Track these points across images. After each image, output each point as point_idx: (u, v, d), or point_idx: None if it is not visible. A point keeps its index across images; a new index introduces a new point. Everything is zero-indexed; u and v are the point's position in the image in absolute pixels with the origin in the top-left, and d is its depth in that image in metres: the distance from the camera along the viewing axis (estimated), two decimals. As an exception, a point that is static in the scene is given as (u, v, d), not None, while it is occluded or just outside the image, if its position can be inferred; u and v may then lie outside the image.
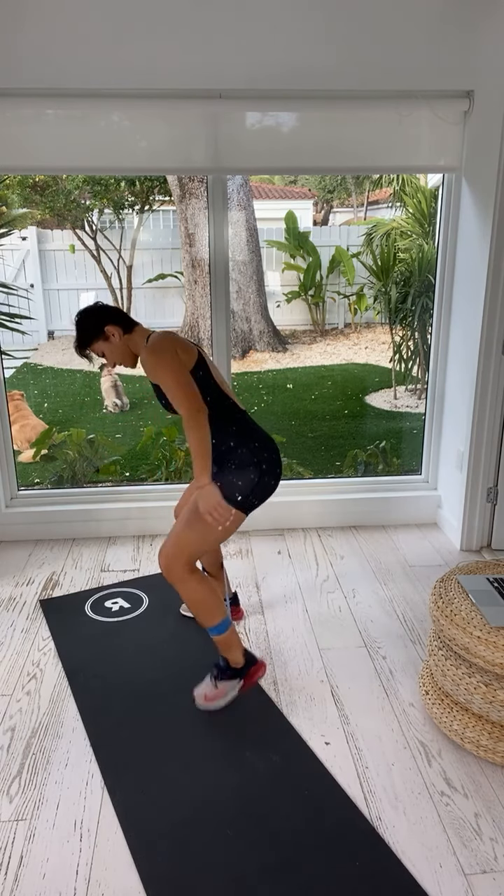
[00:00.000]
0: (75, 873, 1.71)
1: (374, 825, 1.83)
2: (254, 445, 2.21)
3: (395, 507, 3.67)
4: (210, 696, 2.27)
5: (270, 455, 2.22)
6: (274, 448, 2.25)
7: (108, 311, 2.25)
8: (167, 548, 2.17)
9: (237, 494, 2.15)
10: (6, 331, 3.89)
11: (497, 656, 1.90)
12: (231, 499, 2.14)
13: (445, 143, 3.14)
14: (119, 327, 2.23)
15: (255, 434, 2.25)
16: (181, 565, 2.14)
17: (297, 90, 2.95)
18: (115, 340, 2.23)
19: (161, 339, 2.14)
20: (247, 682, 2.30)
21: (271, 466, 2.21)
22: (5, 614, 2.89)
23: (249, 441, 2.22)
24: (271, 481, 2.21)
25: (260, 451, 2.21)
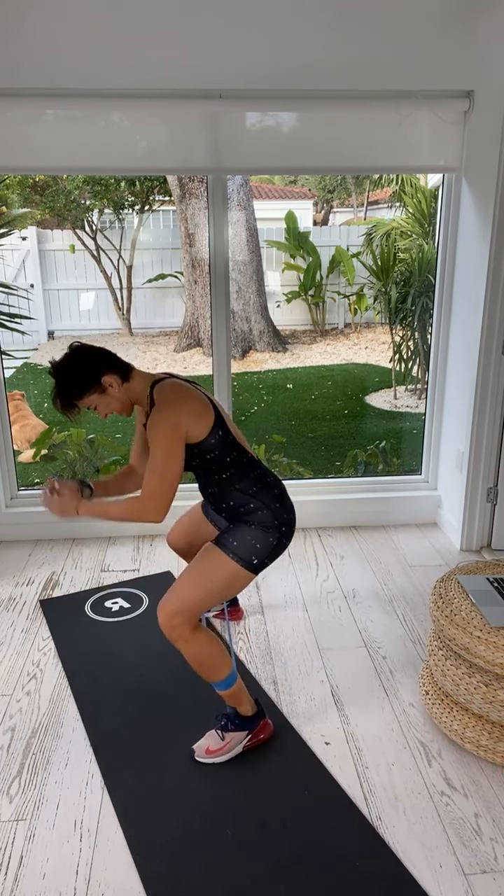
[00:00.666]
0: (75, 873, 1.71)
1: (374, 825, 1.83)
2: (276, 507, 2.02)
3: (395, 507, 3.67)
4: (213, 748, 2.05)
5: (289, 516, 2.05)
6: (292, 507, 2.08)
7: (101, 357, 1.92)
8: (168, 604, 1.93)
9: (253, 558, 1.97)
10: (6, 331, 3.89)
11: (497, 656, 1.90)
12: (246, 561, 1.96)
13: (445, 143, 3.14)
14: (117, 375, 1.91)
15: (274, 493, 2.04)
16: (183, 623, 1.92)
17: (297, 90, 2.95)
18: (114, 392, 1.92)
19: (175, 398, 1.88)
20: (253, 739, 2.08)
21: (290, 528, 2.04)
22: (5, 614, 2.89)
23: (272, 502, 2.02)
24: (287, 542, 2.06)
25: (281, 512, 2.02)
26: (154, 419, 1.85)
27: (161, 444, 1.83)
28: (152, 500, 1.83)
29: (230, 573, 1.96)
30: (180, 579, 1.98)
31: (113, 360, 1.94)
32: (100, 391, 1.90)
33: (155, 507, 1.84)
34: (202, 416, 1.91)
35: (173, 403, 1.87)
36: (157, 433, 1.84)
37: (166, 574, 3.20)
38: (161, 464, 1.83)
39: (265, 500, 2.00)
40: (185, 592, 1.93)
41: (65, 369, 1.89)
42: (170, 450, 1.84)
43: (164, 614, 1.93)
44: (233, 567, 1.95)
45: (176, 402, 1.88)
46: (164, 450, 1.83)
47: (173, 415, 1.86)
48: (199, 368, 6.83)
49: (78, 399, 1.89)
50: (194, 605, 1.93)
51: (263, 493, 2.01)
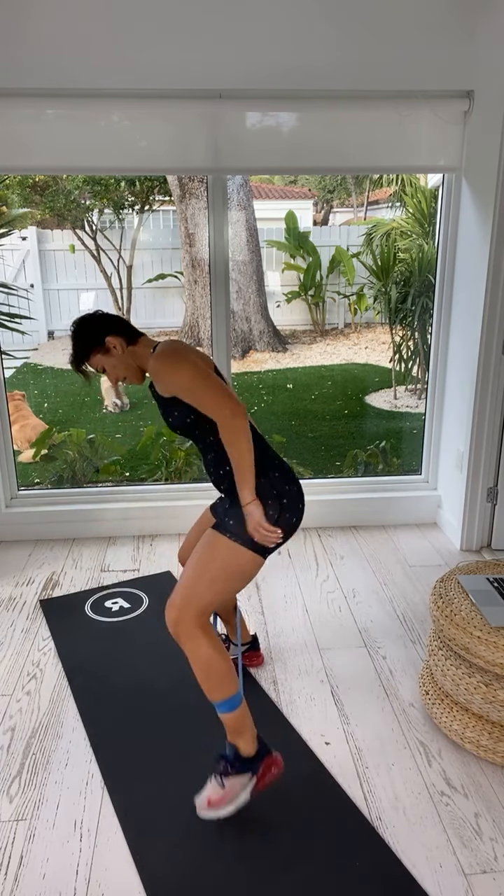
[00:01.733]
0: (75, 873, 1.71)
1: (374, 825, 1.83)
2: (274, 475, 1.89)
3: (395, 507, 3.67)
4: (215, 799, 1.82)
5: (292, 487, 1.91)
6: (295, 479, 1.95)
7: (109, 320, 1.98)
8: (176, 598, 1.83)
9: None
10: (6, 331, 3.89)
11: (497, 656, 1.90)
12: (247, 540, 1.82)
13: (445, 143, 3.14)
14: (122, 338, 1.95)
15: (274, 463, 1.93)
16: (191, 618, 1.80)
17: (297, 90, 2.95)
18: (118, 353, 1.95)
19: (172, 343, 1.91)
20: (260, 780, 1.86)
21: (293, 501, 1.89)
22: (5, 614, 2.89)
23: (269, 470, 1.89)
24: (293, 518, 1.89)
25: (280, 482, 1.89)
26: (163, 366, 1.84)
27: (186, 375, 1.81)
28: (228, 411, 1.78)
29: (232, 556, 1.83)
30: (183, 574, 1.89)
31: (119, 322, 1.98)
32: (104, 351, 1.94)
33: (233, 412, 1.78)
34: (203, 357, 1.94)
35: (173, 343, 1.91)
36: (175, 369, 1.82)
37: (166, 574, 3.20)
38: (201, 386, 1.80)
39: (263, 467, 1.89)
40: (190, 585, 1.84)
41: (75, 331, 1.97)
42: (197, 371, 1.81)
43: (171, 611, 1.84)
44: (233, 549, 1.83)
45: (176, 343, 1.92)
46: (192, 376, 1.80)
47: (179, 347, 1.89)
48: (199, 368, 6.81)
49: (86, 359, 1.97)
50: (201, 597, 1.82)
51: (262, 463, 1.89)
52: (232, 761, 1.85)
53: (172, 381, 1.83)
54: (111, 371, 1.98)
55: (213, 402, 1.79)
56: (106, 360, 1.96)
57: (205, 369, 1.83)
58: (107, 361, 1.96)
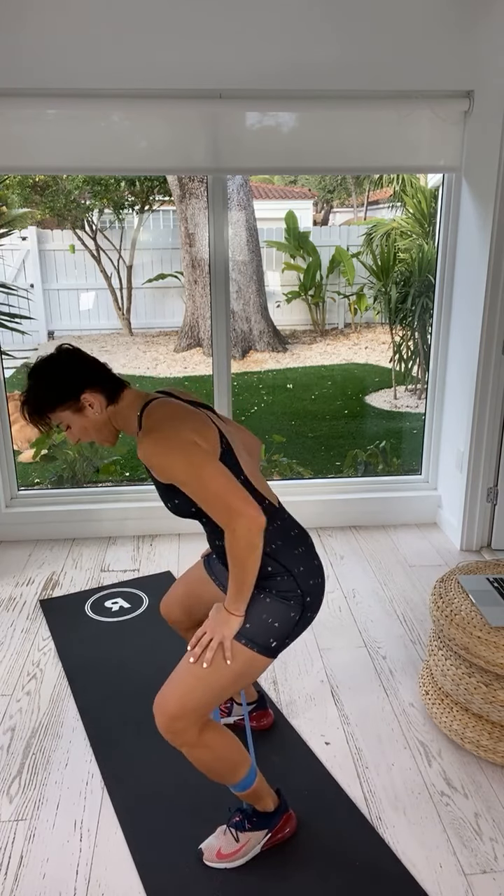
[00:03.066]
0: (75, 873, 1.71)
1: (374, 825, 1.83)
2: (299, 570, 1.58)
3: (395, 507, 3.67)
4: (227, 852, 1.71)
5: (316, 581, 1.61)
6: (320, 569, 1.64)
7: (89, 369, 1.56)
8: (167, 703, 1.53)
9: (272, 640, 1.55)
10: (6, 331, 3.89)
11: (497, 656, 1.90)
12: (263, 647, 1.54)
13: (445, 143, 3.14)
14: (102, 395, 1.55)
15: (300, 552, 1.61)
16: (188, 727, 1.54)
17: (297, 90, 2.95)
18: (93, 413, 1.55)
19: (165, 416, 1.49)
20: (273, 837, 1.75)
21: (316, 598, 1.61)
22: (5, 614, 2.89)
23: (295, 564, 1.58)
24: (313, 615, 1.63)
25: (307, 577, 1.59)
26: (153, 447, 1.44)
27: (182, 464, 1.43)
28: (233, 514, 1.41)
29: (243, 663, 1.54)
30: (180, 670, 1.57)
31: (102, 375, 1.57)
32: (75, 409, 1.54)
33: (242, 514, 1.41)
34: (202, 433, 1.50)
35: (166, 416, 1.49)
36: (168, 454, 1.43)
37: (166, 574, 3.20)
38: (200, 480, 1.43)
39: (287, 562, 1.57)
40: (188, 689, 1.53)
41: (42, 372, 1.54)
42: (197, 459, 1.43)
43: (163, 717, 1.54)
44: (246, 655, 1.54)
45: (169, 414, 1.50)
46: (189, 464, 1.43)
47: (174, 424, 1.47)
48: (199, 368, 6.83)
49: (49, 411, 1.54)
50: (200, 704, 1.54)
51: (285, 553, 1.58)
52: (250, 817, 1.74)
53: (167, 474, 1.45)
54: (78, 433, 1.58)
55: (218, 506, 1.43)
56: (75, 419, 1.55)
57: (205, 454, 1.45)
58: (75, 420, 1.56)
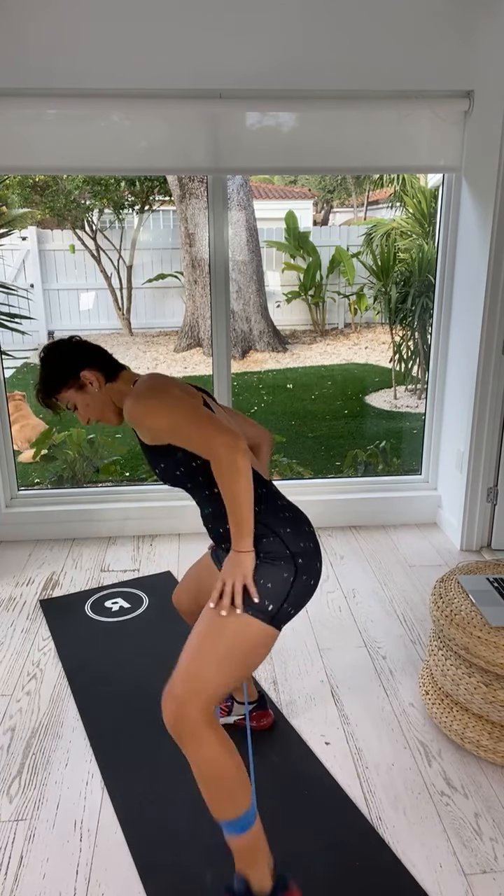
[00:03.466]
0: (75, 873, 1.71)
1: (374, 825, 1.83)
2: (286, 531, 1.59)
3: (395, 507, 3.67)
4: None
5: (307, 544, 1.61)
6: (312, 534, 1.65)
7: (87, 350, 1.70)
8: (176, 688, 1.50)
9: (267, 603, 1.52)
10: (6, 331, 3.89)
11: (497, 656, 1.90)
12: (259, 609, 1.52)
13: (445, 143, 3.14)
14: (100, 373, 1.68)
15: (286, 516, 1.63)
16: (196, 713, 1.47)
17: (297, 90, 2.95)
18: (93, 390, 1.68)
19: (149, 379, 1.61)
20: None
21: (310, 560, 1.60)
22: (5, 614, 2.89)
23: (280, 526, 1.60)
24: (310, 581, 1.60)
25: (294, 538, 1.59)
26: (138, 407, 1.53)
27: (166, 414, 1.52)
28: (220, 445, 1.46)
29: (242, 630, 1.50)
30: (183, 657, 1.55)
31: (100, 356, 1.71)
32: (77, 386, 1.68)
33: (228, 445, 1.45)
34: (187, 391, 1.61)
35: (151, 379, 1.60)
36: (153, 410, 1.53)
37: (166, 574, 3.20)
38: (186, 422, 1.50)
39: (272, 524, 1.60)
40: (194, 671, 1.50)
41: (47, 359, 1.70)
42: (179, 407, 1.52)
43: (170, 704, 1.49)
44: (243, 621, 1.50)
45: (154, 378, 1.61)
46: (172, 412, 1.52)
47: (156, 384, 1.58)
48: (199, 368, 6.83)
49: (55, 392, 1.69)
50: (209, 685, 1.49)
51: (270, 516, 1.61)
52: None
53: (150, 423, 1.54)
54: (83, 410, 1.70)
55: (201, 436, 1.48)
56: (79, 398, 1.69)
57: (188, 400, 1.54)
58: (80, 399, 1.69)
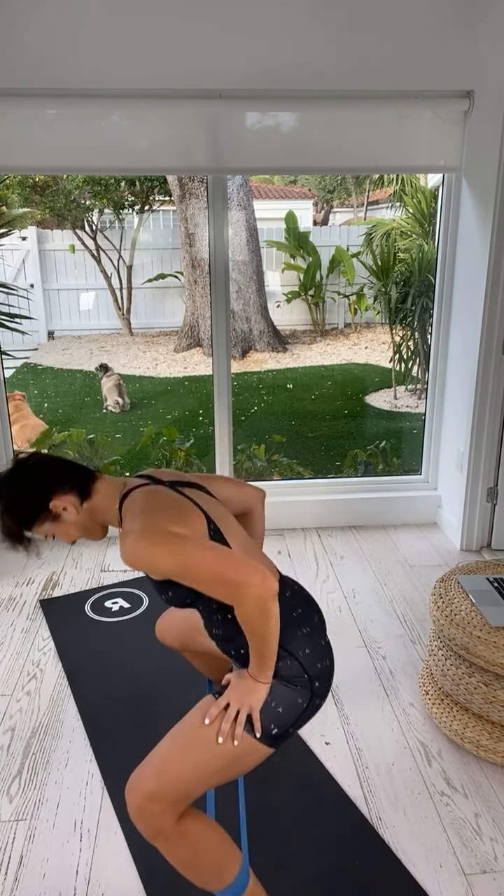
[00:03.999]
0: (75, 873, 1.71)
1: (374, 825, 1.83)
2: (304, 652, 1.43)
3: (395, 507, 3.67)
4: None
5: (325, 663, 1.46)
6: (328, 648, 1.49)
7: (51, 472, 1.45)
8: (144, 780, 1.34)
9: (273, 727, 1.39)
10: (6, 331, 3.89)
11: (497, 656, 1.90)
12: (265, 733, 1.38)
13: (445, 143, 3.14)
14: (72, 495, 1.44)
15: (305, 632, 1.46)
16: (164, 812, 1.32)
17: (297, 90, 2.94)
18: (71, 517, 1.45)
19: (141, 510, 1.38)
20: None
21: (325, 683, 1.46)
22: (5, 614, 2.89)
23: (298, 646, 1.43)
24: (319, 703, 1.46)
25: (313, 660, 1.43)
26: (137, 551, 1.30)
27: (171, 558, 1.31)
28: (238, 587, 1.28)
29: (242, 753, 1.37)
30: (164, 743, 1.39)
31: (66, 474, 1.45)
32: (51, 519, 1.44)
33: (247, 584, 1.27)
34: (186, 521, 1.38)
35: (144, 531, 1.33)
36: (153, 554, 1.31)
37: (166, 574, 3.19)
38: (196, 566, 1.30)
39: (290, 645, 1.42)
40: (169, 767, 1.34)
41: (5, 497, 1.43)
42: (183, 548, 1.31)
43: (136, 795, 1.33)
44: (244, 742, 1.37)
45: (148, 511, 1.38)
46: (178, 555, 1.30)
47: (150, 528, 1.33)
48: (199, 368, 6.83)
49: (27, 529, 1.45)
50: (182, 787, 1.33)
51: (288, 635, 1.43)
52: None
53: (154, 570, 1.34)
54: (65, 536, 1.49)
55: (218, 585, 1.30)
56: (55, 527, 1.46)
57: (186, 540, 1.32)
58: (56, 528, 1.46)
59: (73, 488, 1.45)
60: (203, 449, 4.53)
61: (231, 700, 1.38)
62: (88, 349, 7.07)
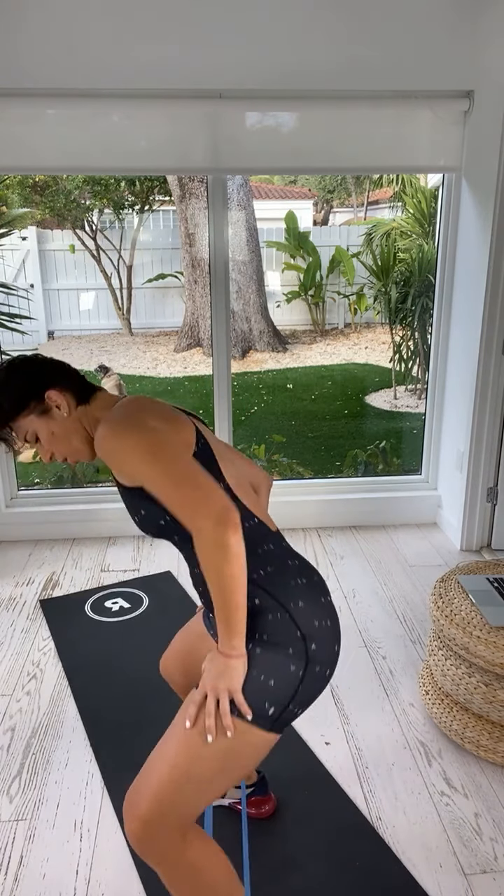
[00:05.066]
0: (75, 873, 1.71)
1: (374, 825, 1.83)
2: (297, 605, 1.25)
3: (395, 507, 3.67)
4: None
5: (324, 622, 1.27)
6: (330, 606, 1.30)
7: (53, 368, 1.36)
8: (141, 801, 1.20)
9: (268, 705, 1.20)
10: (6, 331, 3.89)
11: (497, 656, 1.90)
12: (258, 713, 1.20)
13: (445, 143, 3.14)
14: (70, 394, 1.34)
15: (300, 582, 1.29)
16: (166, 833, 1.20)
17: (297, 90, 2.95)
18: (60, 415, 1.32)
19: (131, 403, 1.28)
20: None
21: (325, 644, 1.26)
22: (5, 614, 2.89)
23: (290, 597, 1.25)
24: (325, 671, 1.25)
25: (308, 615, 1.25)
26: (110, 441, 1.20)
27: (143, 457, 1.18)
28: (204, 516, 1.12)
29: (239, 743, 1.19)
30: (155, 756, 1.23)
31: (69, 375, 1.37)
32: (40, 411, 1.32)
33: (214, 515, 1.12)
34: (173, 422, 1.26)
35: (130, 405, 1.26)
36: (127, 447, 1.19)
37: (166, 574, 3.20)
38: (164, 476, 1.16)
39: (279, 594, 1.25)
40: (164, 786, 1.19)
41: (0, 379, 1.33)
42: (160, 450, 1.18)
43: (133, 821, 1.20)
44: (242, 733, 1.19)
45: (134, 404, 1.27)
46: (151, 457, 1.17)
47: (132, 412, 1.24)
48: (199, 368, 6.83)
49: (10, 420, 1.32)
50: (181, 806, 1.20)
51: (277, 582, 1.26)
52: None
53: (123, 462, 1.20)
54: (47, 442, 1.34)
55: (182, 498, 1.14)
56: (41, 425, 1.32)
57: (173, 442, 1.20)
58: (42, 426, 1.32)
59: (71, 388, 1.35)
60: (203, 449, 4.51)
61: (206, 689, 1.20)
62: (88, 349, 7.08)
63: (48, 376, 1.34)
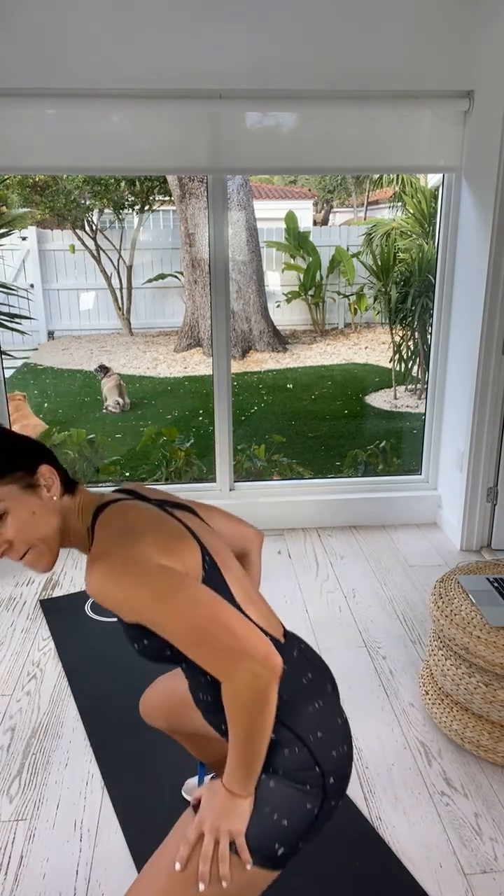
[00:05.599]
0: (75, 873, 1.71)
1: (374, 825, 1.83)
2: (316, 736, 1.13)
3: (395, 507, 3.67)
4: None
5: (342, 749, 1.16)
6: (346, 731, 1.19)
7: (45, 447, 1.22)
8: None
9: (278, 846, 1.08)
10: (6, 331, 3.89)
11: (497, 656, 1.90)
12: (267, 856, 1.07)
13: (445, 143, 3.14)
14: (59, 476, 1.19)
15: (316, 707, 1.17)
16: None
17: (298, 90, 2.95)
18: (46, 496, 1.15)
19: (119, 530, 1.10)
20: None
21: (341, 779, 1.14)
22: (5, 614, 2.89)
23: (309, 728, 1.14)
24: (337, 803, 1.15)
25: (326, 746, 1.13)
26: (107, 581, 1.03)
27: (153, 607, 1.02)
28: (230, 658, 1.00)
29: (237, 884, 1.06)
30: (147, 873, 1.12)
31: (56, 459, 1.23)
32: (25, 484, 1.13)
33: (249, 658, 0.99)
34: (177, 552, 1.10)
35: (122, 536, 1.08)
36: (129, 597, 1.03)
37: (166, 574, 3.19)
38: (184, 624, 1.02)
39: (297, 726, 1.13)
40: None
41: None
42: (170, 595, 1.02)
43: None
44: (243, 875, 1.07)
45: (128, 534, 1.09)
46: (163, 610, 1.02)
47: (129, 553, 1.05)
48: (199, 368, 6.84)
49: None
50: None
51: (295, 712, 1.14)
52: None
53: (125, 610, 1.05)
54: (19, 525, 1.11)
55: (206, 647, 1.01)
56: (21, 500, 1.12)
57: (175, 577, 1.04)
58: (22, 502, 1.12)
59: (61, 473, 1.21)
60: (203, 449, 4.53)
61: (204, 830, 1.06)
62: (88, 349, 7.08)
63: (43, 452, 1.20)
